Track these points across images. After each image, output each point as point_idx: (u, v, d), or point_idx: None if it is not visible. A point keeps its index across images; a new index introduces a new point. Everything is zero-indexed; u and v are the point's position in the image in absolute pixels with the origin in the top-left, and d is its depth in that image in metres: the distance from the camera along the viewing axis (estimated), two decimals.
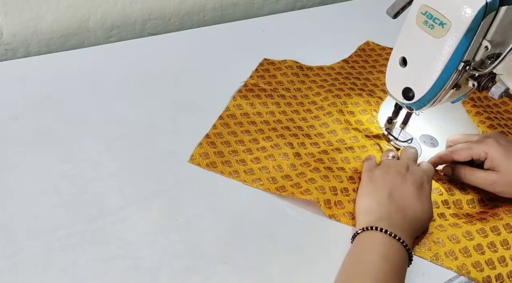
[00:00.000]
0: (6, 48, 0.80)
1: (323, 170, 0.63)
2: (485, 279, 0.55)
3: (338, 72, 0.84)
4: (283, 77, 0.80)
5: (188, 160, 0.64)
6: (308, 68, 0.83)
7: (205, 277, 0.52)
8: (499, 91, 0.58)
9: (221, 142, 0.67)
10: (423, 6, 0.54)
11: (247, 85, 0.77)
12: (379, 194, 0.57)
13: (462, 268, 0.55)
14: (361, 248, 0.53)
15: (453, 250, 0.57)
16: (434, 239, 0.58)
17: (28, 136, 0.64)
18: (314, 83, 0.80)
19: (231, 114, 0.72)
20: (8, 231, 0.53)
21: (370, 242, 0.52)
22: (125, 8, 0.86)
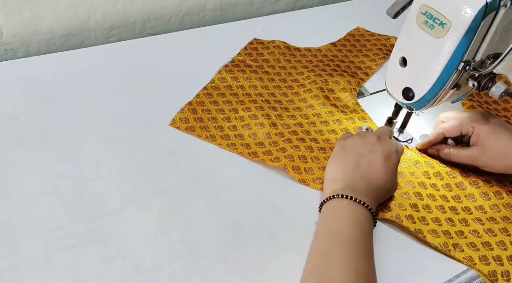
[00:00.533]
0: (6, 48, 0.80)
1: (295, 141, 0.66)
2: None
3: (324, 54, 0.86)
4: (270, 55, 0.84)
5: (169, 124, 0.68)
6: (295, 49, 0.87)
7: (205, 277, 0.52)
8: (499, 91, 0.58)
9: (202, 109, 0.71)
10: (423, 6, 0.54)
11: (234, 61, 0.81)
12: (346, 162, 0.59)
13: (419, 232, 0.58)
14: (329, 216, 0.55)
15: (412, 215, 0.60)
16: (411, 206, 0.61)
17: (28, 136, 0.64)
18: (299, 63, 0.83)
19: (215, 86, 0.76)
20: (8, 231, 0.53)
21: (337, 210, 0.55)
22: (125, 8, 0.86)
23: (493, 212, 0.61)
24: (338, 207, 0.55)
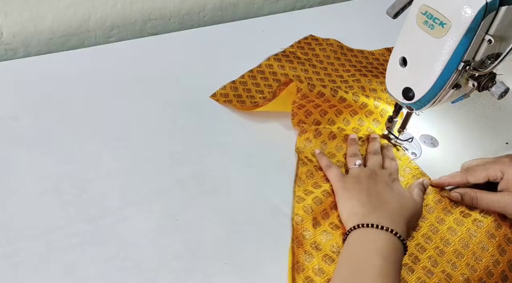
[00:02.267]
0: (6, 48, 0.80)
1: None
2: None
3: (376, 58, 0.87)
4: (321, 51, 0.86)
5: (209, 96, 0.74)
6: (348, 49, 0.88)
7: (205, 277, 0.52)
8: (499, 91, 0.58)
9: (243, 88, 0.75)
10: (423, 6, 0.54)
11: (285, 51, 0.84)
12: (358, 197, 0.58)
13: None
14: (353, 247, 0.53)
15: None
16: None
17: (28, 136, 0.64)
18: (349, 62, 0.85)
19: (261, 70, 0.79)
20: (8, 231, 0.53)
21: (361, 240, 0.53)
22: (125, 8, 0.86)
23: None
24: (360, 237, 0.53)
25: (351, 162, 0.64)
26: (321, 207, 0.60)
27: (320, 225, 0.58)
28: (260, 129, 0.70)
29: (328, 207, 0.60)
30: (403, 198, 0.58)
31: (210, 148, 0.66)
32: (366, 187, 0.59)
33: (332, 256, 0.55)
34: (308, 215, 0.59)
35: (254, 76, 0.78)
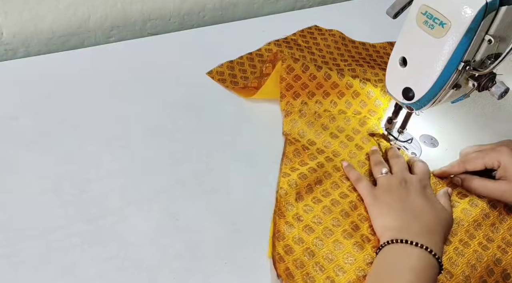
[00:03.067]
0: (6, 48, 0.80)
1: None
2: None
3: (377, 50, 0.88)
4: (322, 41, 0.87)
5: (206, 73, 0.77)
6: (350, 40, 0.89)
7: (205, 277, 0.52)
8: (499, 91, 0.58)
9: (239, 69, 0.78)
10: (423, 6, 0.54)
11: (287, 38, 0.86)
12: (391, 210, 0.56)
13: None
14: (385, 261, 0.51)
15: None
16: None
17: (28, 136, 0.64)
18: (348, 52, 0.85)
19: (260, 54, 0.82)
20: (8, 231, 0.53)
21: (394, 255, 0.51)
22: (125, 8, 0.86)
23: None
24: (393, 252, 0.51)
25: (378, 171, 0.62)
26: (305, 182, 0.61)
27: (303, 199, 0.60)
28: (260, 129, 0.70)
29: (313, 182, 0.62)
30: (437, 210, 0.57)
31: (210, 148, 0.66)
32: (399, 198, 0.57)
33: (312, 227, 0.57)
34: (292, 189, 0.60)
35: (252, 58, 0.81)
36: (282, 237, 0.56)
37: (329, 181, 0.63)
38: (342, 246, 0.56)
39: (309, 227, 0.57)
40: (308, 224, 0.57)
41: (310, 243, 0.56)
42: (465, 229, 0.59)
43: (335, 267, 0.54)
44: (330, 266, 0.54)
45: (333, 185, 0.63)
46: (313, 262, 0.54)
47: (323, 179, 0.63)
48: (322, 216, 0.58)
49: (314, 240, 0.56)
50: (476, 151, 0.64)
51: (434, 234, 0.53)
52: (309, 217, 0.58)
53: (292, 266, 0.54)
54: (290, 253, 0.55)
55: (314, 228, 0.57)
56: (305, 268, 0.54)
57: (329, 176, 0.64)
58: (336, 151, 0.68)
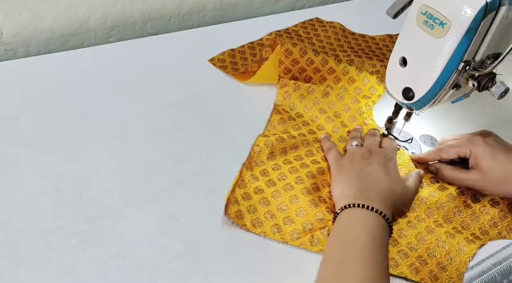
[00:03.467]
0: (6, 48, 0.80)
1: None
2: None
3: (376, 42, 0.90)
4: (323, 32, 0.89)
5: (208, 60, 0.80)
6: (350, 33, 0.91)
7: (205, 277, 0.52)
8: (499, 91, 0.58)
9: (240, 57, 0.80)
10: (423, 6, 0.54)
11: (288, 29, 0.88)
12: (350, 178, 0.59)
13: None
14: (342, 225, 0.54)
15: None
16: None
17: (28, 136, 0.64)
18: (348, 44, 0.87)
19: (261, 43, 0.84)
20: (8, 231, 0.53)
21: (349, 219, 0.54)
22: (125, 8, 0.86)
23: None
24: (351, 216, 0.54)
25: (349, 144, 0.66)
26: (281, 145, 0.65)
27: (274, 159, 0.64)
28: (260, 129, 0.70)
29: (289, 147, 0.65)
30: (393, 181, 0.59)
31: (210, 148, 0.66)
32: (358, 167, 0.60)
33: (275, 182, 0.61)
34: (267, 149, 0.64)
35: (254, 47, 0.83)
36: (244, 185, 0.60)
37: (305, 149, 0.66)
38: (297, 201, 0.59)
39: (272, 182, 0.61)
40: (272, 179, 0.61)
41: (268, 194, 0.60)
42: (426, 207, 0.61)
43: (286, 217, 0.58)
44: (281, 215, 0.58)
45: (308, 152, 0.66)
46: (266, 210, 0.58)
47: (299, 146, 0.66)
48: (287, 174, 0.62)
49: (273, 192, 0.60)
50: (452, 140, 0.66)
51: (386, 201, 0.56)
52: (275, 174, 0.62)
53: (245, 210, 0.57)
54: (247, 199, 0.59)
55: (276, 183, 0.61)
56: (256, 214, 0.58)
57: (307, 144, 0.67)
58: (320, 125, 0.71)
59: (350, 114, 0.72)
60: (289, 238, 0.56)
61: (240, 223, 0.56)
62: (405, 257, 0.56)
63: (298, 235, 0.56)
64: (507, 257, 0.58)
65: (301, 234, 0.56)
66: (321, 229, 0.57)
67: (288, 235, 0.56)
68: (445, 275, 0.55)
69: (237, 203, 0.58)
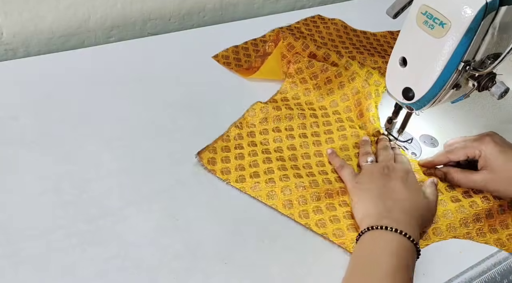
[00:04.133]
0: (6, 48, 0.80)
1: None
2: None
3: (377, 39, 0.91)
4: (325, 29, 0.90)
5: (212, 56, 0.81)
6: (352, 29, 0.92)
7: (205, 277, 0.52)
8: (499, 91, 0.58)
9: (244, 53, 0.82)
10: (423, 6, 0.54)
11: (290, 26, 0.89)
12: (371, 197, 0.57)
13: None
14: (366, 247, 0.52)
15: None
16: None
17: (28, 136, 0.64)
18: (350, 40, 0.88)
19: (264, 40, 0.85)
20: (8, 231, 0.53)
21: (374, 241, 0.52)
22: (125, 8, 0.86)
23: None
24: (374, 238, 0.52)
25: (363, 160, 0.64)
26: (277, 112, 0.69)
27: (266, 123, 0.68)
28: None
29: (283, 116, 0.69)
30: (417, 198, 0.58)
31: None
32: (380, 184, 0.58)
33: (257, 143, 0.66)
34: (261, 113, 0.69)
35: (256, 44, 0.85)
36: (228, 140, 0.65)
37: (299, 121, 0.69)
38: (271, 171, 0.62)
39: (254, 143, 0.65)
40: (255, 141, 0.65)
41: (246, 153, 0.64)
42: (448, 222, 0.61)
43: (253, 173, 0.62)
44: (251, 170, 0.62)
45: (301, 125, 0.69)
46: (239, 163, 0.63)
47: (294, 118, 0.69)
48: (270, 142, 0.66)
49: (251, 151, 0.64)
50: (460, 142, 0.65)
51: (412, 220, 0.54)
52: (260, 138, 0.66)
53: (219, 159, 0.63)
54: (226, 151, 0.64)
55: (257, 145, 0.65)
56: (229, 164, 0.62)
57: (302, 117, 0.70)
58: (323, 106, 0.73)
59: (357, 98, 0.72)
60: (250, 188, 0.60)
61: (209, 168, 0.60)
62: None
63: (260, 189, 0.60)
64: (507, 257, 0.58)
65: (262, 187, 0.60)
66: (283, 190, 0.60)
67: (248, 185, 0.60)
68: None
69: (214, 152, 0.63)
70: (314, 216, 0.58)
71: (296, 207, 0.59)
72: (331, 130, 0.70)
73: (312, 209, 0.59)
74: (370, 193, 0.58)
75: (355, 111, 0.72)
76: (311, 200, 0.59)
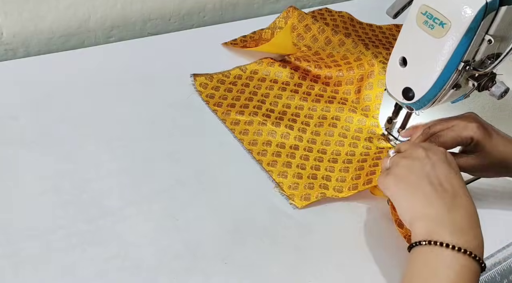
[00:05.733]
0: (6, 48, 0.80)
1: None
2: None
3: (383, 31, 0.93)
4: (332, 21, 0.92)
5: (221, 43, 0.84)
6: (358, 22, 0.94)
7: (205, 277, 0.52)
8: (499, 91, 0.58)
9: (251, 36, 0.85)
10: (423, 6, 0.54)
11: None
12: (418, 188, 0.47)
13: None
14: (421, 267, 0.44)
15: None
16: None
17: (28, 136, 0.64)
18: (355, 32, 0.90)
19: (262, 31, 0.87)
20: (8, 231, 0.53)
21: (432, 260, 0.44)
22: (125, 8, 0.86)
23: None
24: (433, 255, 0.43)
25: (386, 157, 0.54)
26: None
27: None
28: None
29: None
30: (464, 184, 0.48)
31: (210, 148, 0.66)
32: (425, 172, 0.47)
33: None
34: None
35: (266, 32, 0.87)
36: (227, 74, 0.75)
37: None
38: (255, 113, 0.69)
39: (250, 98, 0.72)
40: (250, 94, 0.73)
41: (239, 95, 0.72)
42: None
43: (238, 112, 0.69)
44: (238, 107, 0.70)
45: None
46: (232, 97, 0.71)
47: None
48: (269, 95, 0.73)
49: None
50: (442, 123, 0.59)
51: (473, 226, 0.45)
52: (253, 84, 0.74)
53: (212, 86, 0.73)
54: (221, 83, 0.73)
55: (253, 98, 0.73)
56: (225, 101, 0.71)
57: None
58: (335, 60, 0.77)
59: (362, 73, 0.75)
60: (230, 123, 0.68)
61: (198, 89, 0.69)
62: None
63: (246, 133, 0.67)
64: (507, 257, 0.58)
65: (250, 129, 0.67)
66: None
67: (229, 119, 0.68)
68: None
69: (209, 80, 0.70)
70: (281, 168, 0.63)
71: (268, 157, 0.65)
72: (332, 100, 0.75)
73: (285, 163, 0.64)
74: (413, 183, 0.48)
75: (356, 85, 0.75)
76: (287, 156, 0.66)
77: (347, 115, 0.72)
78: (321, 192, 0.61)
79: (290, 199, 0.60)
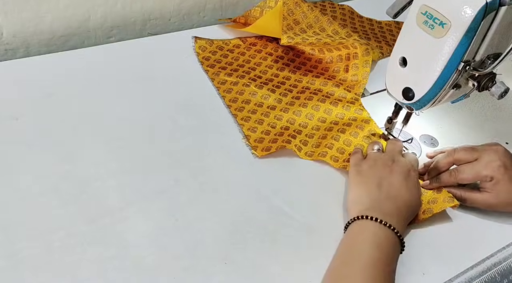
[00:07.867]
0: (6, 48, 0.80)
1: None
2: None
3: (381, 26, 0.93)
4: (331, 13, 0.94)
5: (218, 19, 0.89)
6: (358, 16, 0.95)
7: (205, 277, 0.52)
8: (499, 91, 0.58)
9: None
10: (423, 6, 0.54)
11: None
12: (368, 185, 0.58)
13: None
14: (352, 236, 0.54)
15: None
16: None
17: (28, 136, 0.64)
18: (352, 24, 0.91)
19: (252, 9, 0.88)
20: (8, 231, 0.53)
21: (361, 231, 0.53)
22: (125, 8, 0.86)
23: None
24: (361, 228, 0.53)
25: (370, 148, 0.65)
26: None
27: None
28: None
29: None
30: (412, 196, 0.58)
31: (210, 148, 0.66)
32: (379, 175, 0.59)
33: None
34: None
35: (255, 10, 0.89)
36: (227, 42, 0.81)
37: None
38: (246, 85, 0.74)
39: (242, 65, 0.77)
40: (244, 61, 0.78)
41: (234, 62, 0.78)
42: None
43: (233, 82, 0.74)
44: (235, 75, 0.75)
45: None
46: (226, 62, 0.78)
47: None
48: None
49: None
50: (465, 162, 0.62)
51: (400, 216, 0.55)
52: (248, 55, 0.79)
53: (210, 50, 0.79)
54: (219, 49, 0.78)
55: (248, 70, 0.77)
56: (214, 57, 0.78)
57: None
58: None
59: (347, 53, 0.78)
60: (223, 91, 0.72)
61: (197, 51, 0.74)
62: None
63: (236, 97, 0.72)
64: (507, 257, 0.58)
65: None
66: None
67: (218, 79, 0.73)
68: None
69: (209, 44, 0.77)
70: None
71: (244, 113, 0.69)
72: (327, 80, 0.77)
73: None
74: (367, 180, 0.59)
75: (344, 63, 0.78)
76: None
77: (330, 89, 0.76)
78: (282, 145, 0.66)
79: (253, 149, 0.65)
